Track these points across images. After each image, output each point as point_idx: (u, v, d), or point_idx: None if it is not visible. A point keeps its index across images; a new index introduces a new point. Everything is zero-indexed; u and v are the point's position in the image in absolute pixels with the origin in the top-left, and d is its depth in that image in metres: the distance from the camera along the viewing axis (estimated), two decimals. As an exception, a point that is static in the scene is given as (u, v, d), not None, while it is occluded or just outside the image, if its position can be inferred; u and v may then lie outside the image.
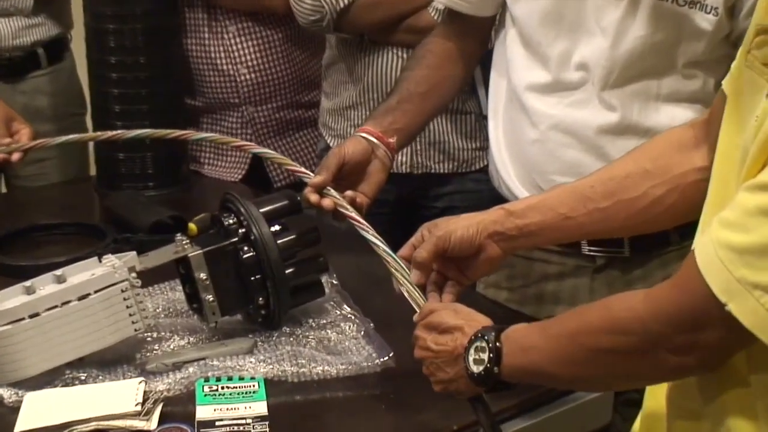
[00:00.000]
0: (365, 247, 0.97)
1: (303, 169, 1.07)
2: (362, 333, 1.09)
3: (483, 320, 0.84)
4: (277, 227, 1.08)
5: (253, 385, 0.98)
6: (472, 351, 0.81)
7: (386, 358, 1.02)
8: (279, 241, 1.07)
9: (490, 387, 0.81)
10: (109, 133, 1.11)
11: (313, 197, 1.05)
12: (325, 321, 1.12)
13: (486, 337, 0.80)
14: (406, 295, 0.93)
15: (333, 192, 1.05)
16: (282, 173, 1.62)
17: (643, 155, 0.89)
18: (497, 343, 0.79)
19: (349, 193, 1.07)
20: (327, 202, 1.04)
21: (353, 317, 1.12)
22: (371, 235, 0.98)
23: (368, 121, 1.14)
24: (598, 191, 0.90)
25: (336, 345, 1.07)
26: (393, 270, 0.94)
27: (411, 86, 1.14)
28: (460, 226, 0.92)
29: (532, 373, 0.78)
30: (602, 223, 0.90)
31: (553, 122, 1.09)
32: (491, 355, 0.79)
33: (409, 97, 1.14)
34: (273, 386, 0.99)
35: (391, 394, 0.98)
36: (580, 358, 0.73)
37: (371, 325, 1.09)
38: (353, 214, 1.02)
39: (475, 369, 0.80)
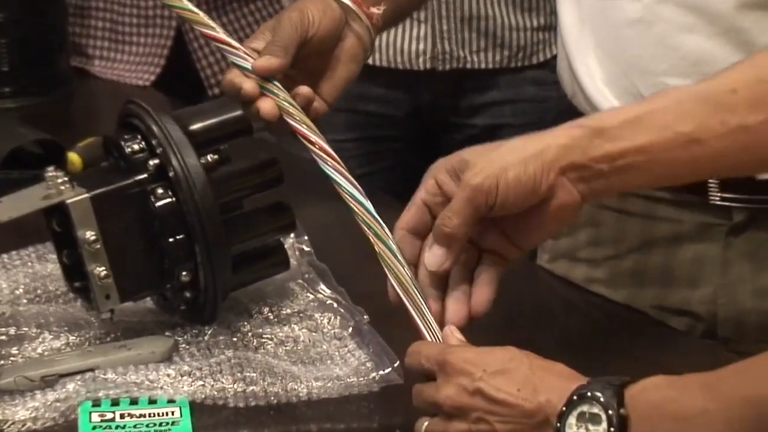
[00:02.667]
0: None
1: (234, 43, 1.03)
2: (350, 330, 1.09)
3: (565, 369, 0.83)
4: (211, 158, 1.08)
5: (173, 412, 0.99)
6: (572, 420, 0.78)
7: (388, 370, 1.02)
8: (215, 181, 1.07)
9: None
10: None
11: (249, 85, 1.02)
12: (289, 310, 1.12)
13: (601, 398, 0.77)
14: (403, 298, 0.92)
15: (280, 89, 1.02)
16: (223, 71, 1.62)
17: None
18: (620, 410, 0.76)
19: (302, 91, 1.04)
20: (268, 106, 1.02)
21: (335, 305, 1.13)
22: (339, 175, 0.96)
23: None
24: (742, 97, 0.87)
25: (308, 349, 1.07)
26: (377, 245, 0.93)
27: None
28: (510, 162, 0.90)
29: None
30: (749, 151, 0.88)
31: (664, -10, 1.11)
32: (612, 429, 0.76)
33: None
34: (205, 414, 1.00)
35: (396, 428, 0.99)
36: None
37: (365, 317, 1.10)
38: (311, 134, 0.99)
39: None
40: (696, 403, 0.74)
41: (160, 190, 1.05)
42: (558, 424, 0.79)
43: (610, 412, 0.76)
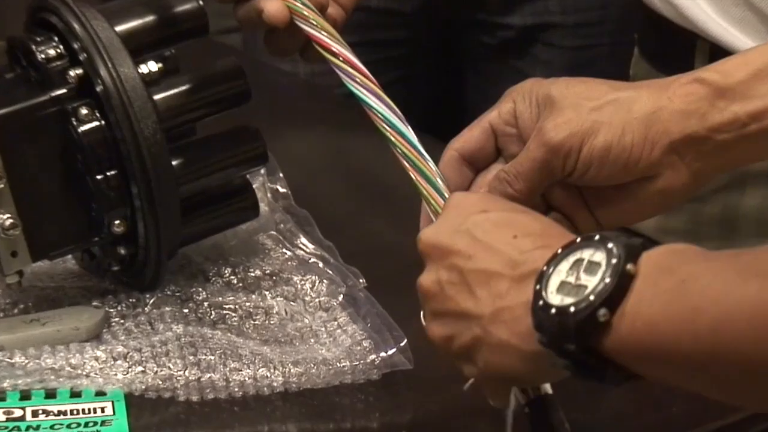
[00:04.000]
0: (357, 112, 0.98)
1: None
2: (340, 298, 1.10)
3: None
4: (154, 66, 1.08)
5: (103, 408, 0.99)
6: (564, 265, 0.80)
7: (392, 351, 1.03)
8: (159, 97, 1.07)
9: (575, 358, 0.78)
10: None
11: None
12: (259, 272, 1.12)
13: (610, 245, 0.79)
14: None
15: None
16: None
17: None
18: (627, 265, 0.77)
19: None
20: (274, 6, 1.04)
21: (321, 265, 1.13)
22: (373, 96, 0.98)
23: None
24: None
25: (284, 324, 1.08)
26: (422, 186, 0.95)
27: None
28: (604, 122, 0.92)
29: (680, 347, 0.75)
30: None
31: None
32: (606, 280, 0.77)
33: None
34: (145, 411, 1.00)
35: (403, 428, 1.00)
36: None
37: (361, 281, 1.11)
38: (334, 43, 1.02)
39: (556, 299, 0.78)
40: (709, 267, 0.76)
41: (84, 111, 1.04)
42: (545, 268, 0.79)
43: (613, 261, 0.77)
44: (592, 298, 0.76)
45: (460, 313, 0.83)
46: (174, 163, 1.05)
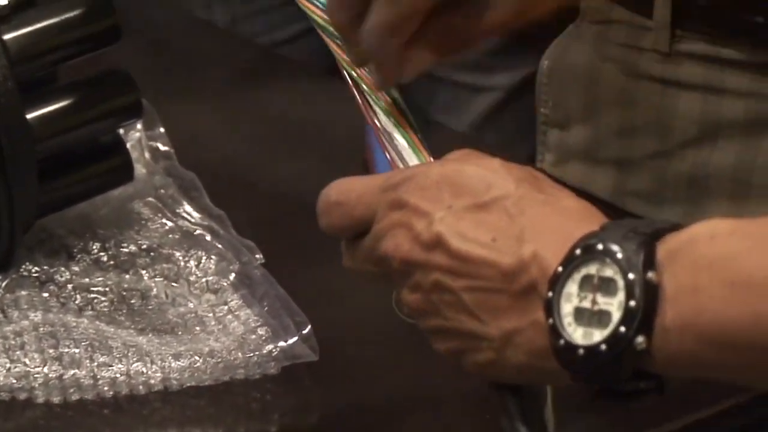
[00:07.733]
0: (258, 55, 1.04)
1: None
2: (231, 278, 1.11)
3: (578, 206, 0.85)
4: None
5: None
6: (571, 288, 0.80)
7: (294, 339, 1.04)
8: (10, 36, 1.08)
9: (620, 389, 0.79)
10: None
11: None
12: (134, 248, 1.14)
13: (619, 254, 0.78)
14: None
15: None
16: None
17: None
18: (648, 274, 0.77)
19: None
20: None
21: (209, 237, 1.15)
22: None
23: None
24: None
25: (164, 309, 1.09)
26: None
27: None
28: None
29: (751, 341, 0.75)
30: None
31: None
32: (632, 303, 0.77)
33: None
34: None
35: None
36: None
37: (257, 257, 1.13)
38: None
39: (578, 335, 0.79)
40: (743, 244, 0.75)
41: None
42: (550, 294, 0.79)
43: (630, 276, 0.77)
44: (622, 329, 0.76)
45: (466, 333, 0.83)
46: (29, 116, 1.06)
